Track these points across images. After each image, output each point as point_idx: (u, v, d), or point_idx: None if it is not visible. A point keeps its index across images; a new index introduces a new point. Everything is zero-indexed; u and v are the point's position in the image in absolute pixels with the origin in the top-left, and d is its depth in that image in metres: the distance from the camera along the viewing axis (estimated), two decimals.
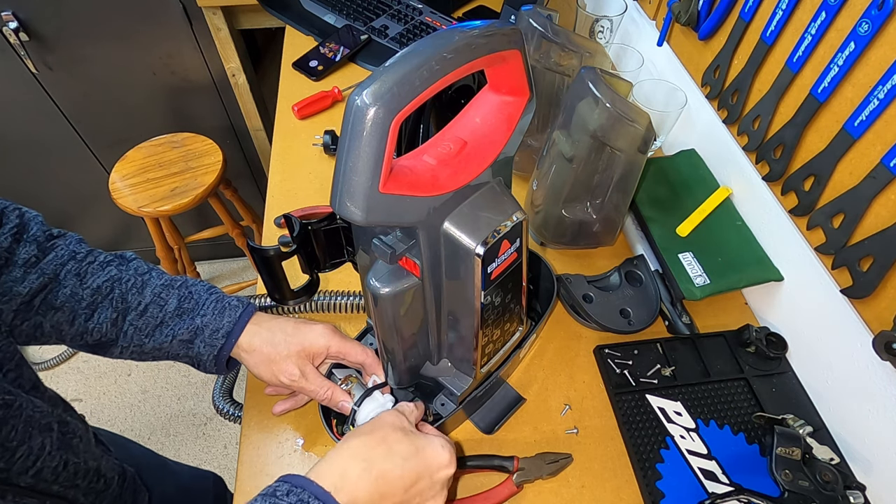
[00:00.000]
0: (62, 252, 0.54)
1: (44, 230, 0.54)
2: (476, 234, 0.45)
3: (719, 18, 0.76)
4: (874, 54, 0.53)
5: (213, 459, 1.67)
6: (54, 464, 0.47)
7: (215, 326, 0.56)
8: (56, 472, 0.48)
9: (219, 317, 0.56)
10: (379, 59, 1.12)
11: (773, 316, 0.73)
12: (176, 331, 0.55)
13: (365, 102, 0.35)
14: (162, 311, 0.55)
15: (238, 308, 0.57)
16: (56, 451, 0.48)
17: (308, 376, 0.56)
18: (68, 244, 0.55)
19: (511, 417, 0.65)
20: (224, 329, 0.56)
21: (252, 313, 0.58)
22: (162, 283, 0.56)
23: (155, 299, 0.55)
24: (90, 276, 0.54)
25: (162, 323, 0.55)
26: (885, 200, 0.53)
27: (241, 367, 0.62)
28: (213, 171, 1.40)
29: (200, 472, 0.88)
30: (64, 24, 1.32)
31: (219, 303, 0.57)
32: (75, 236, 0.57)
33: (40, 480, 0.46)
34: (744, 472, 0.60)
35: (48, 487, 0.47)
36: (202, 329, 0.56)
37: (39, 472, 0.46)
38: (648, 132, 0.64)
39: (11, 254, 0.51)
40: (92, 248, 0.57)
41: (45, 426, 0.47)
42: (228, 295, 0.59)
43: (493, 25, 0.41)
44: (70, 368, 1.84)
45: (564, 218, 0.75)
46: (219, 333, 0.56)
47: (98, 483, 0.54)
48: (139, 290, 0.55)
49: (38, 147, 1.58)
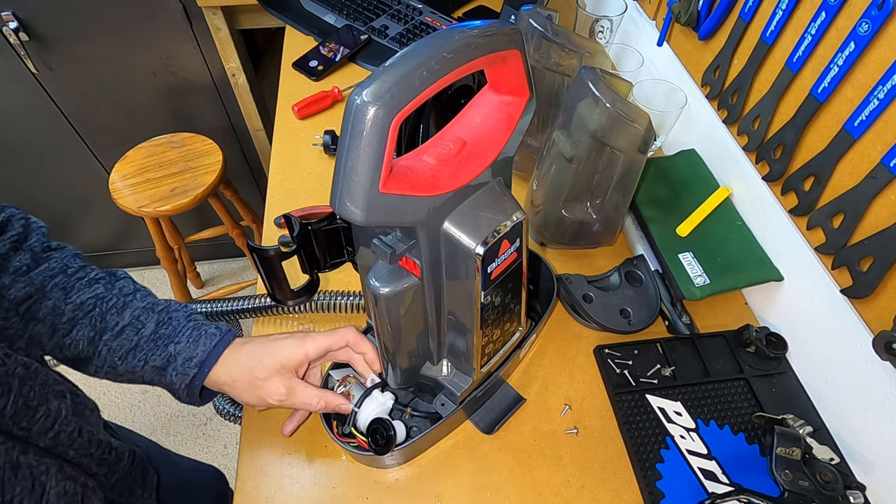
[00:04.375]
0: (54, 265, 0.53)
1: (42, 241, 0.54)
2: (476, 234, 0.45)
3: (719, 18, 0.76)
4: (874, 54, 0.53)
5: (213, 459, 1.67)
6: (70, 428, 0.48)
7: (188, 355, 0.54)
8: (72, 438, 0.48)
9: (193, 345, 0.54)
10: (379, 59, 1.12)
11: (773, 316, 0.73)
12: (149, 356, 0.54)
13: (365, 102, 0.35)
14: (138, 334, 0.54)
15: (214, 336, 0.55)
16: (71, 416, 0.49)
17: (295, 391, 0.55)
18: (63, 257, 0.54)
19: (511, 417, 0.65)
20: (197, 358, 0.54)
21: (228, 343, 0.56)
22: (143, 306, 0.55)
23: (133, 322, 0.54)
24: (76, 291, 0.53)
25: (136, 347, 0.54)
26: (885, 200, 0.53)
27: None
28: (213, 171, 1.40)
29: (203, 466, 0.88)
30: (64, 24, 1.32)
31: (195, 330, 0.55)
32: (72, 251, 0.56)
33: (58, 443, 0.47)
34: (744, 472, 0.60)
35: (65, 452, 0.48)
36: (175, 357, 0.54)
37: (57, 436, 0.47)
38: (648, 132, 0.64)
39: (7, 261, 0.51)
40: (85, 265, 0.56)
41: (59, 392, 0.48)
42: (209, 323, 0.57)
43: (493, 25, 0.41)
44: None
45: (564, 218, 0.75)
46: (191, 363, 0.54)
47: (110, 456, 0.55)
48: (119, 311, 0.54)
49: (38, 147, 1.58)
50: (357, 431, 0.57)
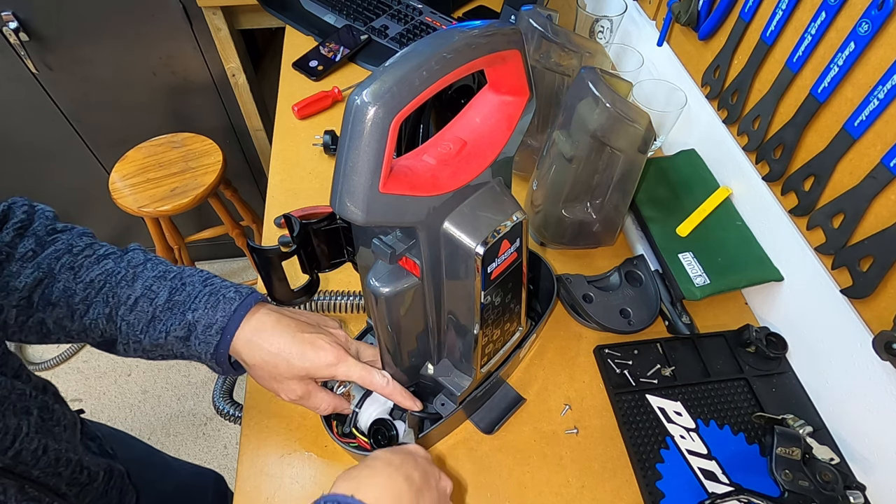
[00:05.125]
0: (60, 246, 0.51)
1: (47, 225, 0.52)
2: (476, 234, 0.45)
3: (719, 18, 0.76)
4: (874, 54, 0.53)
5: (213, 459, 1.67)
6: (33, 447, 0.46)
7: (207, 322, 0.50)
8: (36, 456, 0.46)
9: (212, 311, 0.51)
10: (379, 59, 1.12)
11: (773, 316, 0.73)
12: (170, 327, 0.50)
13: (365, 102, 0.35)
14: (152, 304, 0.50)
15: (234, 300, 0.51)
16: (35, 434, 0.46)
17: (311, 395, 0.55)
18: (70, 238, 0.52)
19: (511, 417, 0.65)
20: (217, 325, 0.50)
21: (250, 306, 0.52)
22: (154, 275, 0.52)
23: (145, 292, 0.51)
24: (84, 269, 0.51)
25: (154, 318, 0.50)
26: (885, 200, 0.53)
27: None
28: (213, 171, 1.40)
29: (201, 470, 0.88)
30: (64, 24, 1.32)
31: (212, 295, 0.51)
32: (80, 230, 0.54)
33: (19, 463, 0.45)
34: (744, 472, 0.60)
35: (27, 471, 0.46)
36: (195, 325, 0.50)
37: (18, 454, 0.45)
38: (648, 132, 0.64)
39: (13, 248, 0.50)
40: (94, 241, 0.53)
41: (24, 409, 0.46)
42: (228, 284, 0.54)
43: (493, 25, 0.41)
44: (70, 368, 1.84)
45: (564, 218, 0.75)
46: (212, 329, 0.50)
47: (82, 475, 0.53)
48: (129, 284, 0.51)
49: (38, 147, 1.58)
50: (358, 432, 0.57)
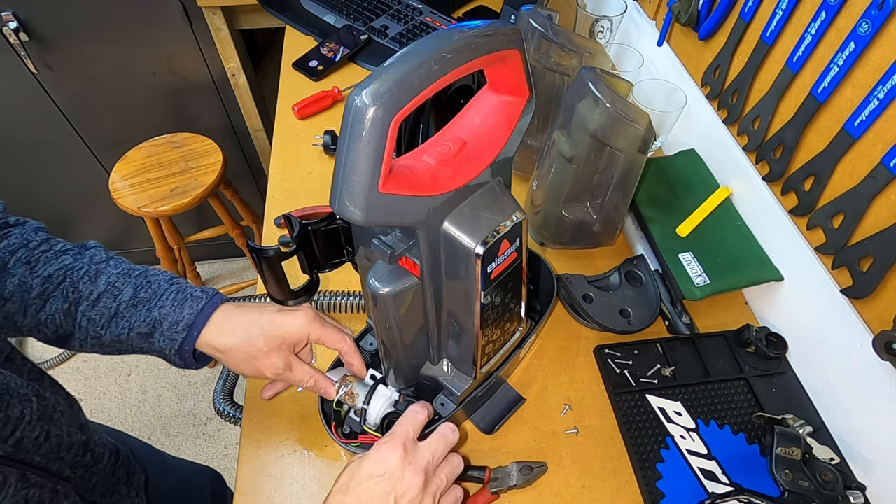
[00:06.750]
0: (14, 241, 0.51)
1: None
2: (476, 233, 0.45)
3: (719, 18, 0.76)
4: (874, 54, 0.53)
5: (213, 459, 1.67)
6: (35, 434, 0.46)
7: (174, 319, 0.52)
8: (37, 443, 0.47)
9: (178, 309, 0.52)
10: (379, 59, 1.12)
11: (773, 316, 0.73)
12: (133, 323, 0.51)
13: (364, 102, 0.35)
14: (116, 301, 0.51)
15: (201, 299, 0.53)
16: (36, 421, 0.47)
17: (292, 367, 0.55)
18: (23, 233, 0.52)
19: (511, 417, 0.64)
20: (184, 322, 0.52)
21: (217, 305, 0.54)
22: (119, 272, 0.53)
23: (109, 289, 0.52)
24: (41, 265, 0.51)
25: (117, 314, 0.51)
26: (885, 200, 0.53)
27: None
28: (213, 171, 1.40)
29: (199, 468, 0.88)
30: (64, 24, 1.32)
31: (179, 293, 0.53)
32: (34, 224, 0.54)
33: (20, 450, 0.45)
34: (744, 472, 0.60)
35: (29, 458, 0.46)
36: (160, 322, 0.52)
37: (20, 442, 0.45)
38: (648, 132, 0.64)
39: None
40: (50, 237, 0.54)
41: (23, 396, 0.47)
42: (193, 286, 0.55)
43: (493, 25, 0.41)
44: (70, 368, 1.84)
45: (564, 218, 0.75)
46: (178, 327, 0.52)
47: (85, 457, 0.53)
48: (91, 280, 0.52)
49: (38, 147, 1.58)
50: (369, 429, 0.57)
